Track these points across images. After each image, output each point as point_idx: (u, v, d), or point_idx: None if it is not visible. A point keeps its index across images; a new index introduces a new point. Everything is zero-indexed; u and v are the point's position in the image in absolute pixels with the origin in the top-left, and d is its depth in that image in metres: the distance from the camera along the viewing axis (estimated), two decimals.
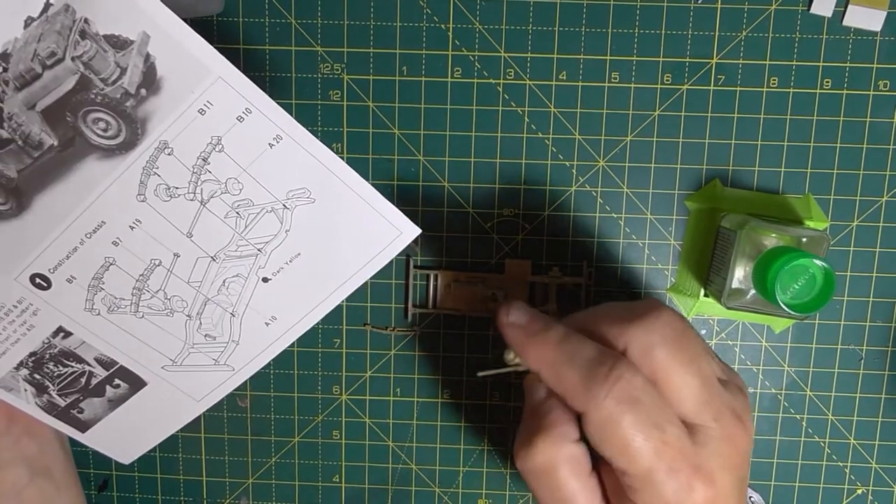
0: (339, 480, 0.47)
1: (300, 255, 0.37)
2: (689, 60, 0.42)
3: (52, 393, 0.40)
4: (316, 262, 0.38)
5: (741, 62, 0.42)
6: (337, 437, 0.47)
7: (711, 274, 0.42)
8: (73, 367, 0.40)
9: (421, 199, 0.44)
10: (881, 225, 0.43)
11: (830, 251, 0.43)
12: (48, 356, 0.39)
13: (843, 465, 0.45)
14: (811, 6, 0.41)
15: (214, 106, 0.34)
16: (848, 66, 0.42)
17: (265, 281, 0.38)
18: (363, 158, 0.44)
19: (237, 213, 0.36)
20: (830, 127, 0.42)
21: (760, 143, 0.43)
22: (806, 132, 0.42)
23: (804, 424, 0.45)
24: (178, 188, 0.36)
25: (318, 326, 0.45)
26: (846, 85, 0.42)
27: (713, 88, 0.42)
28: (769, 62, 0.42)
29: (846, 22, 0.41)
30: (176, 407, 0.41)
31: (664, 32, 0.42)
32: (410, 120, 0.43)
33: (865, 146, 0.42)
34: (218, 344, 0.39)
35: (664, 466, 0.30)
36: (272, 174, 0.35)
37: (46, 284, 0.37)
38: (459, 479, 0.47)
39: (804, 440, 0.45)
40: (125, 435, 0.42)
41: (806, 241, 0.38)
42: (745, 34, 0.42)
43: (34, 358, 0.39)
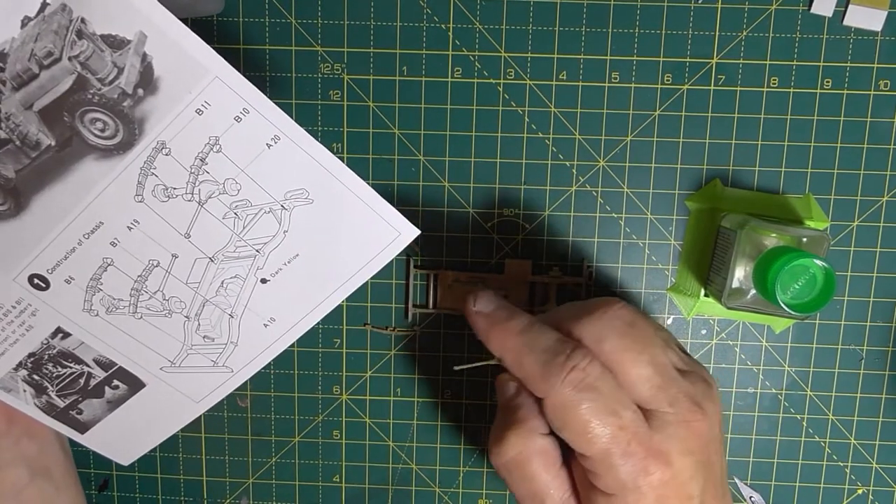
0: (339, 480, 0.47)
1: (298, 256, 0.37)
2: (689, 60, 0.42)
3: (51, 394, 0.40)
4: (314, 263, 0.37)
5: (741, 62, 0.42)
6: (337, 437, 0.47)
7: (712, 274, 0.41)
8: (71, 367, 0.39)
9: (421, 198, 0.44)
10: (882, 225, 0.43)
11: (831, 251, 0.43)
12: (47, 357, 0.39)
13: (843, 465, 0.45)
14: (811, 6, 0.41)
15: (212, 106, 0.34)
16: (848, 65, 0.42)
17: (264, 282, 0.38)
18: (363, 158, 0.43)
19: (235, 213, 0.36)
20: (831, 127, 0.42)
21: (761, 143, 0.43)
22: (806, 132, 0.42)
23: (804, 424, 0.45)
24: (175, 189, 0.35)
25: (318, 326, 0.44)
26: (847, 85, 0.42)
27: (713, 88, 0.42)
28: (769, 62, 0.42)
29: (847, 22, 0.41)
30: (175, 408, 0.41)
31: (664, 32, 0.42)
32: (410, 120, 0.43)
33: (866, 146, 0.42)
34: (216, 345, 0.39)
35: (619, 450, 0.31)
36: (270, 175, 0.35)
37: (45, 285, 0.37)
38: (460, 479, 0.47)
39: (804, 440, 0.45)
40: (124, 436, 0.42)
41: (806, 241, 0.38)
42: (745, 34, 0.42)
43: (33, 359, 0.39)
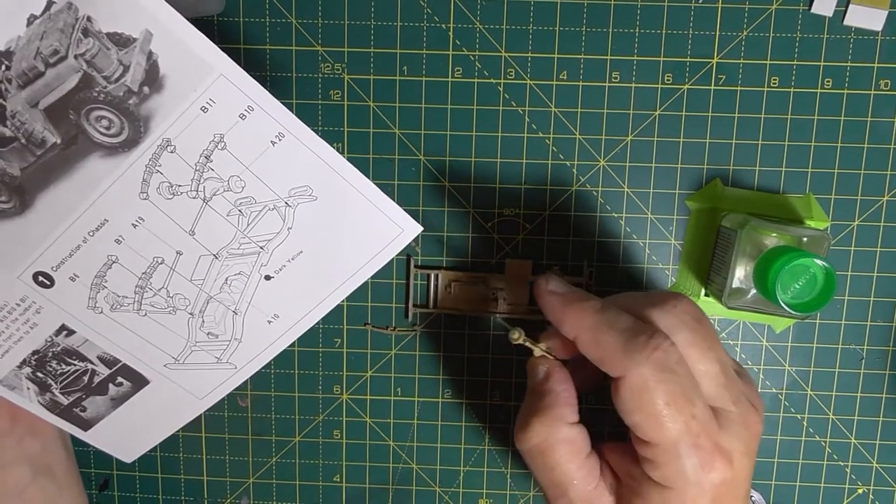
0: (339, 480, 0.47)
1: (302, 252, 0.37)
2: (689, 60, 0.42)
3: (54, 391, 0.40)
4: (318, 259, 0.38)
5: (742, 62, 0.42)
6: (338, 436, 0.47)
7: (712, 273, 0.42)
8: (75, 365, 0.40)
9: (421, 198, 0.44)
10: (882, 224, 0.43)
11: (831, 251, 0.43)
12: (51, 354, 0.39)
13: (843, 464, 0.45)
14: (812, 6, 0.41)
15: (217, 103, 0.34)
16: (849, 65, 0.42)
17: (267, 279, 0.38)
18: (364, 158, 0.44)
19: (240, 210, 0.36)
20: (831, 127, 0.42)
21: (761, 142, 0.43)
22: (807, 132, 0.42)
23: (805, 424, 0.45)
24: (180, 186, 0.36)
25: (318, 326, 0.45)
26: (847, 85, 0.42)
27: (714, 88, 0.42)
28: (770, 62, 0.42)
29: (847, 21, 0.41)
30: (178, 405, 0.41)
31: (665, 32, 0.42)
32: (411, 120, 0.43)
33: (866, 146, 0.42)
34: (220, 342, 0.39)
35: (689, 441, 0.30)
36: (274, 172, 0.36)
37: (49, 282, 0.37)
38: (460, 478, 0.47)
39: (805, 440, 0.45)
40: (128, 433, 0.42)
41: (807, 240, 0.38)
42: (745, 34, 0.42)
43: (37, 356, 0.39)
